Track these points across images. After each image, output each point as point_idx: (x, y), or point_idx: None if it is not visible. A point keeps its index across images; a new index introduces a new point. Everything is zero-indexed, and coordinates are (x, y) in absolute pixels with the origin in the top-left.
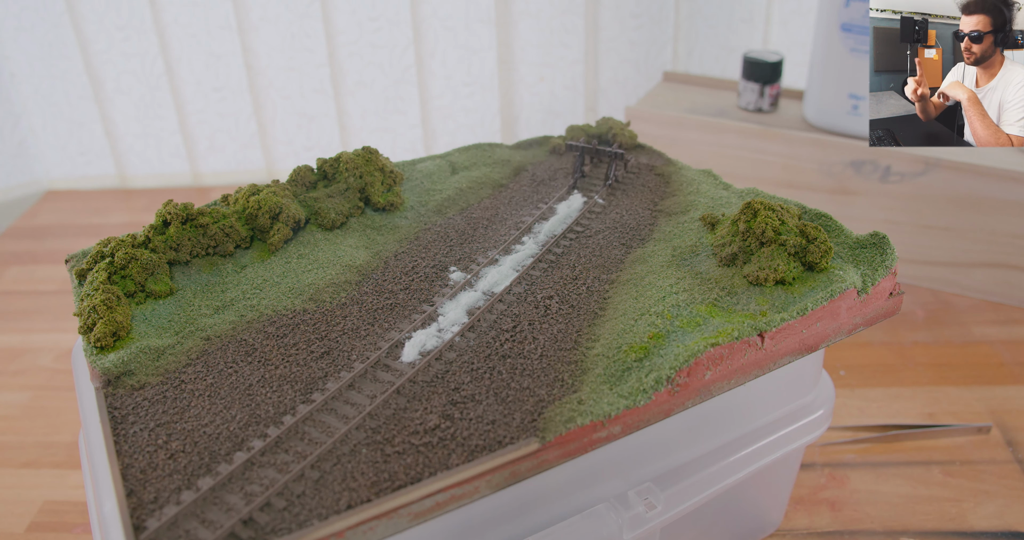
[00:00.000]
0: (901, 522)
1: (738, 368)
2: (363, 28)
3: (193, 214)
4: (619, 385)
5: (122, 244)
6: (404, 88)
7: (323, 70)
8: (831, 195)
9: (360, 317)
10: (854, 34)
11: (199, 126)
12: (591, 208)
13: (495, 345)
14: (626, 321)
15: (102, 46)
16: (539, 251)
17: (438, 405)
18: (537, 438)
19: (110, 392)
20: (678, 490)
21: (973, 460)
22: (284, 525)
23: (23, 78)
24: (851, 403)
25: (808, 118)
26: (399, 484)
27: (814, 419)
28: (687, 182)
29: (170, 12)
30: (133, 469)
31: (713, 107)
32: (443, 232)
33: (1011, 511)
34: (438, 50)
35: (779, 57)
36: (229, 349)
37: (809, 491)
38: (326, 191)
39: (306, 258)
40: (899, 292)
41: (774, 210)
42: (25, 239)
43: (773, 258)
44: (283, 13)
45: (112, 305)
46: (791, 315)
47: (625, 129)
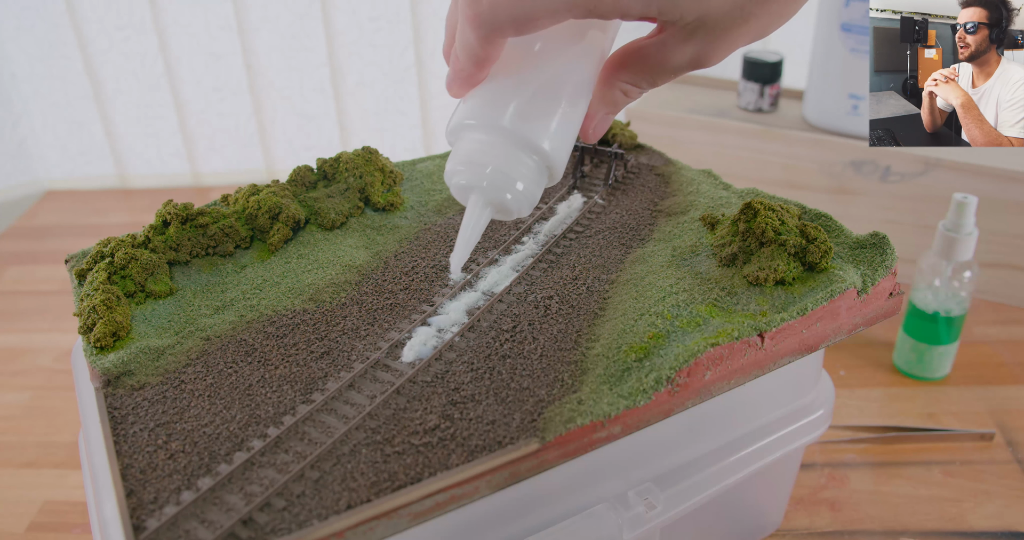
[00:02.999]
0: (901, 522)
1: (738, 368)
2: (363, 28)
3: (193, 214)
4: (619, 385)
5: (122, 244)
6: (404, 88)
7: (323, 70)
8: (831, 195)
9: (360, 317)
10: (854, 34)
11: (199, 126)
12: (591, 208)
13: (495, 345)
14: (626, 321)
15: (102, 46)
16: (539, 251)
17: (438, 405)
18: (537, 438)
19: (110, 392)
20: (678, 490)
21: (973, 460)
22: (284, 525)
23: (23, 78)
24: (851, 403)
25: (808, 118)
26: (399, 484)
27: (814, 419)
28: (687, 182)
29: (170, 12)
30: (133, 469)
31: (713, 107)
32: (443, 232)
33: (1011, 511)
34: (438, 50)
35: (779, 57)
36: (229, 349)
37: (809, 491)
38: (326, 191)
39: (306, 258)
40: (899, 292)
41: (774, 210)
42: (25, 239)
43: (773, 258)
44: (283, 13)
45: (112, 305)
46: (791, 315)
47: (625, 129)
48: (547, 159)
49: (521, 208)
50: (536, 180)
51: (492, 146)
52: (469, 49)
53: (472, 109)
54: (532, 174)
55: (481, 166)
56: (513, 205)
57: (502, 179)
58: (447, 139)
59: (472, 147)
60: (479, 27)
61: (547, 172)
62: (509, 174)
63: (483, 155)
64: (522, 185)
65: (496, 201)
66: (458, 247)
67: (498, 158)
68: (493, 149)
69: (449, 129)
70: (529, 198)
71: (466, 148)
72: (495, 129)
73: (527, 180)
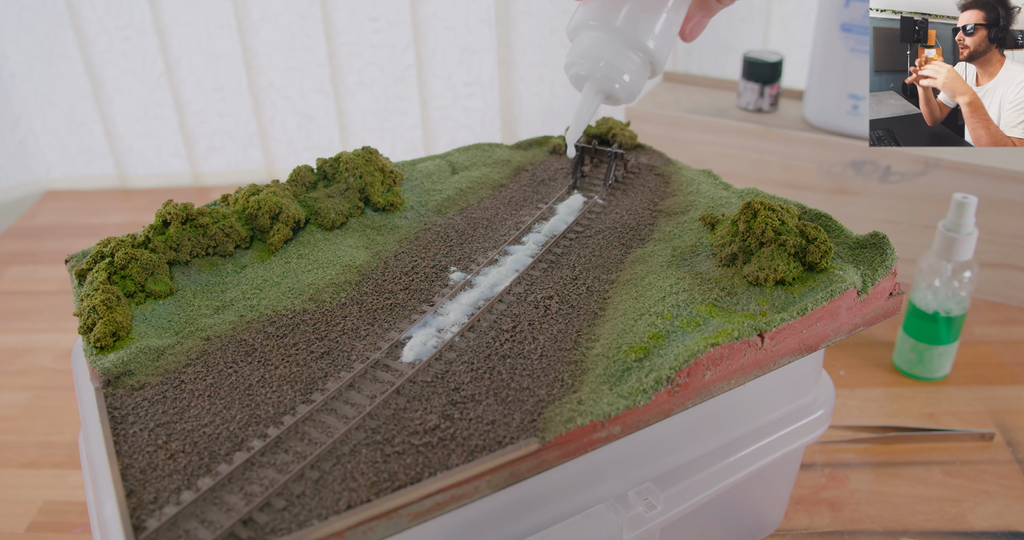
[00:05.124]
0: (901, 522)
1: (738, 368)
2: (363, 28)
3: (193, 214)
4: (619, 385)
5: (122, 244)
6: (404, 88)
7: (323, 70)
8: (831, 195)
9: (360, 317)
10: (854, 34)
11: (199, 126)
12: (591, 208)
13: (495, 345)
14: (626, 321)
15: (102, 46)
16: (539, 251)
17: (438, 405)
18: (537, 438)
19: (110, 392)
20: (678, 490)
21: (973, 460)
22: (284, 525)
23: (23, 78)
24: (851, 403)
25: (808, 118)
26: (399, 484)
27: (814, 419)
28: (687, 182)
29: (170, 12)
30: (133, 469)
31: (713, 107)
32: (443, 232)
33: (1011, 511)
34: (438, 50)
35: (779, 57)
36: (229, 349)
37: (809, 491)
38: (326, 191)
39: (306, 258)
40: (899, 292)
41: (774, 210)
42: (25, 239)
43: (773, 258)
44: (283, 13)
45: (112, 305)
46: (791, 315)
47: (625, 129)
48: (651, 56)
49: (628, 96)
50: (641, 73)
51: (606, 43)
52: None
53: (591, 10)
54: (638, 68)
55: (596, 60)
56: (621, 94)
57: (613, 71)
58: (567, 35)
59: (590, 43)
60: None
61: (650, 67)
62: (619, 67)
63: (598, 50)
64: (628, 77)
65: (607, 90)
66: (573, 127)
67: (611, 53)
68: (607, 45)
69: (570, 27)
70: (634, 89)
71: (585, 43)
72: (610, 29)
73: (633, 73)
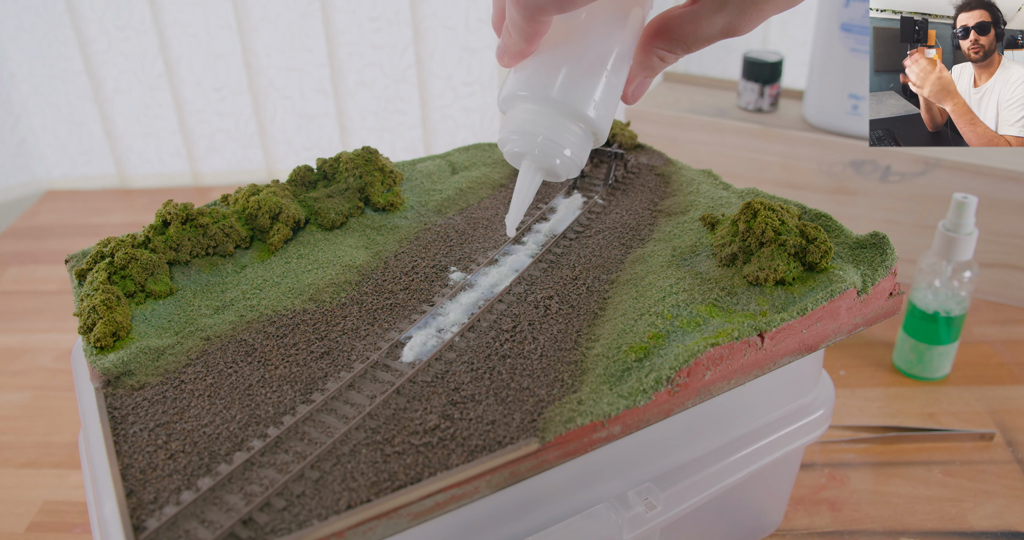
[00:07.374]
0: (901, 522)
1: (738, 368)
2: (363, 28)
3: (193, 214)
4: (619, 385)
5: (122, 244)
6: (404, 88)
7: (323, 70)
8: (831, 195)
9: (360, 317)
10: (854, 34)
11: (199, 126)
12: (591, 208)
13: (495, 345)
14: (626, 321)
15: (102, 46)
16: (539, 251)
17: (438, 405)
18: (537, 438)
19: (110, 392)
20: (678, 490)
21: (973, 460)
22: (284, 525)
23: (23, 78)
24: (851, 403)
25: (808, 118)
26: (399, 484)
27: (814, 419)
28: (687, 182)
29: (170, 12)
30: (133, 469)
31: (713, 107)
32: (443, 232)
33: (1011, 511)
34: (438, 50)
35: (779, 57)
36: (229, 349)
37: (809, 491)
38: (326, 191)
39: (306, 258)
40: (899, 292)
41: (774, 210)
42: (25, 239)
43: (773, 258)
44: (283, 13)
45: (112, 305)
46: (791, 315)
47: (625, 129)
48: (592, 125)
49: (569, 171)
50: (583, 145)
51: (542, 116)
52: (518, 27)
53: (523, 80)
54: (579, 140)
55: (532, 135)
56: (562, 169)
57: (552, 146)
58: (499, 107)
59: (524, 117)
60: (525, 8)
61: (593, 137)
62: (558, 142)
63: (534, 124)
64: (570, 151)
65: (546, 166)
66: (513, 208)
67: (548, 127)
68: (543, 118)
69: (501, 98)
70: (576, 162)
71: (518, 117)
72: (544, 100)
73: (574, 146)
